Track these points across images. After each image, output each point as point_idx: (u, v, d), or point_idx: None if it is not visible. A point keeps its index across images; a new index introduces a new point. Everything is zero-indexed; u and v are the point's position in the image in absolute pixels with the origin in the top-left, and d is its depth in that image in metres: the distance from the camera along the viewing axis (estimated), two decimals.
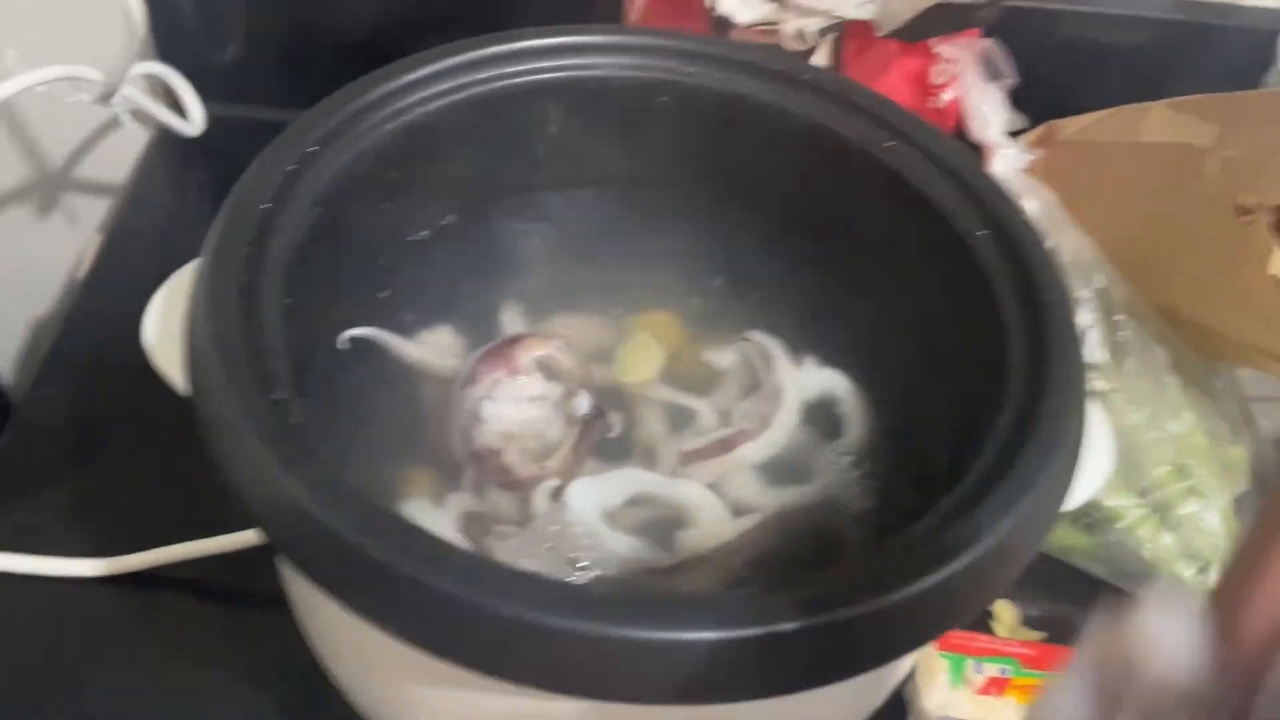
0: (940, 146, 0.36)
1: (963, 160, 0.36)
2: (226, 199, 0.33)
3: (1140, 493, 0.47)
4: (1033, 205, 0.49)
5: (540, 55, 0.40)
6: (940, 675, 0.41)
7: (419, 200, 0.40)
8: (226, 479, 0.27)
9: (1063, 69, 0.56)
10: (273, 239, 0.32)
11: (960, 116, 0.53)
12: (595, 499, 0.36)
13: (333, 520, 0.25)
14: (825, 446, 0.37)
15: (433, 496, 0.36)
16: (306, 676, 0.42)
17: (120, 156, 0.68)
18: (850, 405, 0.38)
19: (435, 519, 0.35)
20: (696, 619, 0.23)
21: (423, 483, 0.36)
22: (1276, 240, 0.43)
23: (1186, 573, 0.46)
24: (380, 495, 0.35)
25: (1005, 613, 0.46)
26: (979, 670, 0.42)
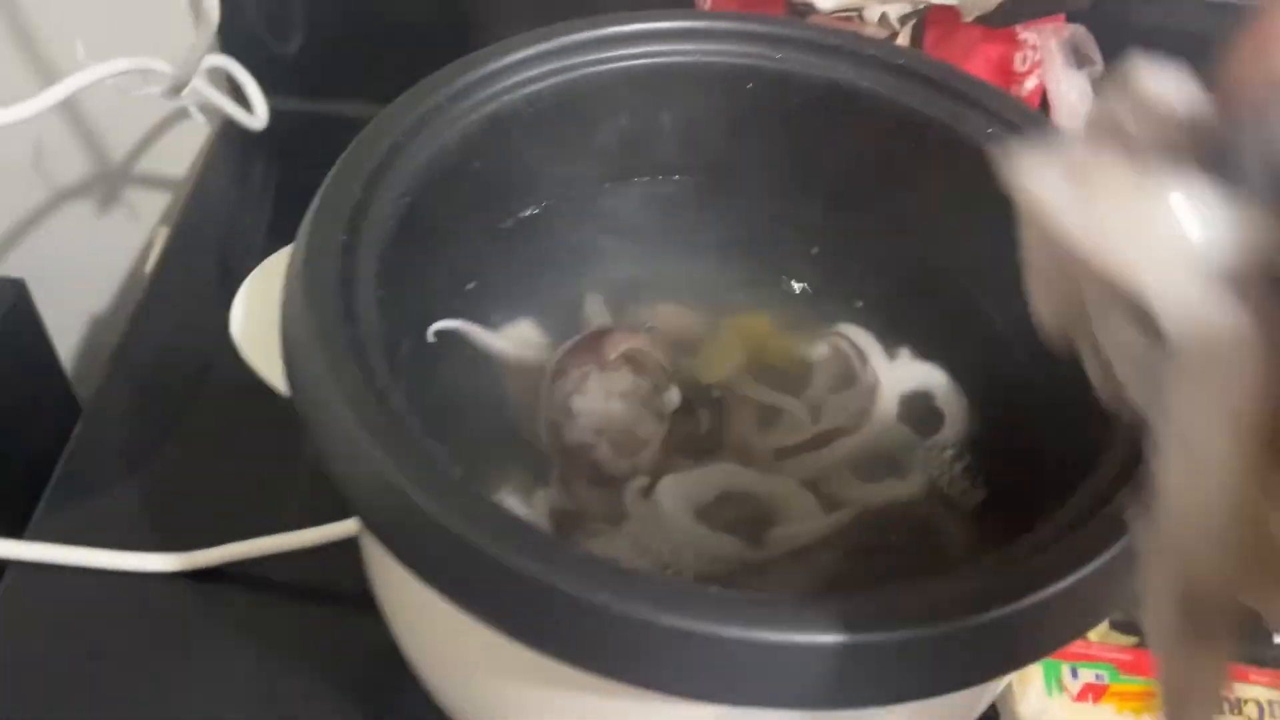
0: (1047, 136, 0.34)
1: None
2: (319, 191, 0.32)
3: None
4: None
5: (621, 42, 0.39)
6: (1035, 682, 0.40)
7: (502, 191, 0.39)
8: (330, 471, 0.27)
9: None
10: (364, 231, 0.32)
11: (1044, 104, 0.51)
12: (685, 496, 0.35)
13: (446, 517, 0.24)
14: (923, 441, 0.36)
15: (521, 492, 0.35)
16: (382, 673, 0.42)
17: (178, 151, 0.69)
18: (949, 398, 0.37)
19: (524, 515, 0.34)
20: (830, 622, 0.22)
21: (510, 478, 0.35)
22: None
23: None
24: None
25: None
26: (1074, 676, 0.40)
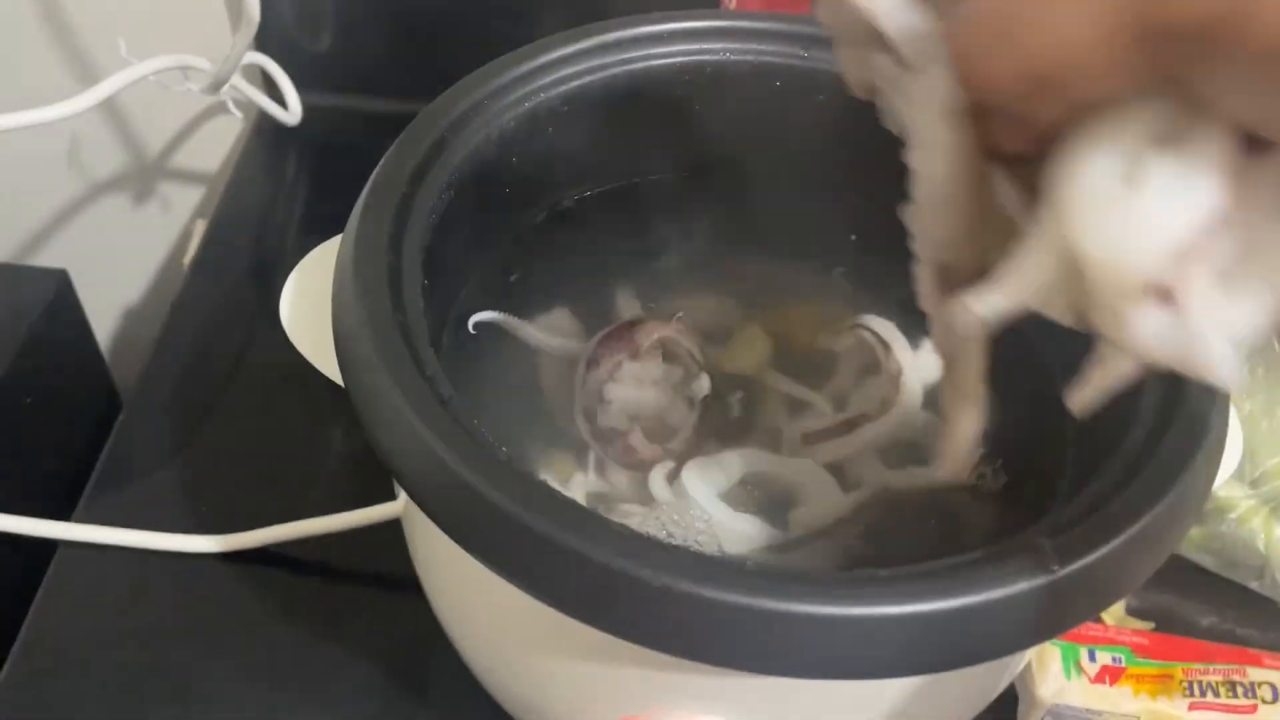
0: None
1: None
2: (368, 182, 0.33)
3: (1251, 484, 0.46)
4: None
5: (652, 41, 0.40)
6: (1054, 664, 0.41)
7: (539, 185, 0.40)
8: (382, 452, 0.28)
9: None
10: (409, 224, 0.33)
11: None
12: (710, 479, 0.36)
13: (500, 497, 0.25)
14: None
15: (559, 476, 0.36)
16: (421, 652, 0.43)
17: (213, 145, 0.70)
18: None
19: None
20: (870, 594, 0.23)
21: (548, 463, 0.37)
22: None
23: None
24: None
25: None
26: (1092, 659, 0.41)
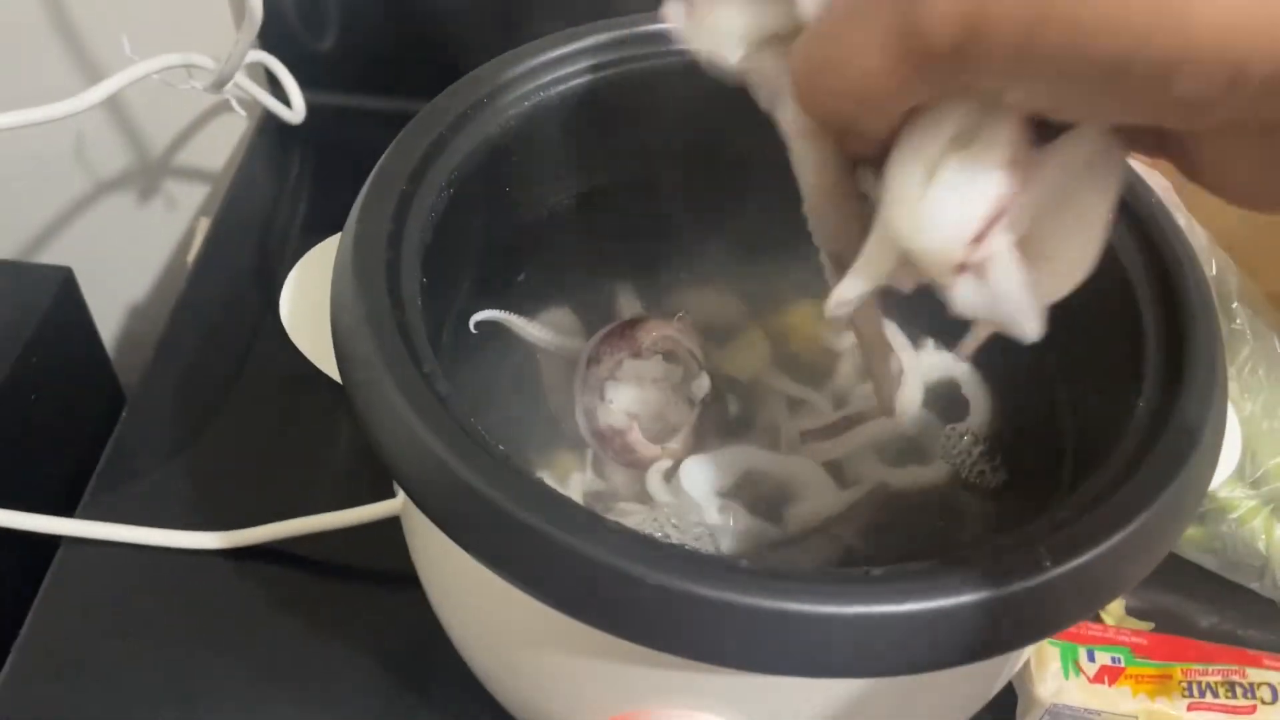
0: None
1: None
2: (367, 182, 0.34)
3: (1252, 484, 0.46)
4: None
5: (651, 40, 0.40)
6: (1052, 664, 0.41)
7: (539, 183, 0.40)
8: (379, 449, 0.28)
9: None
10: (409, 221, 0.33)
11: None
12: (707, 477, 0.36)
13: (495, 494, 0.25)
14: (946, 427, 0.37)
15: (557, 474, 0.36)
16: (420, 649, 0.43)
17: (216, 144, 0.70)
18: (972, 387, 0.38)
19: None
20: (863, 593, 0.23)
21: (547, 461, 0.37)
22: None
23: None
24: None
25: (1112, 603, 0.45)
26: (1091, 659, 0.41)
